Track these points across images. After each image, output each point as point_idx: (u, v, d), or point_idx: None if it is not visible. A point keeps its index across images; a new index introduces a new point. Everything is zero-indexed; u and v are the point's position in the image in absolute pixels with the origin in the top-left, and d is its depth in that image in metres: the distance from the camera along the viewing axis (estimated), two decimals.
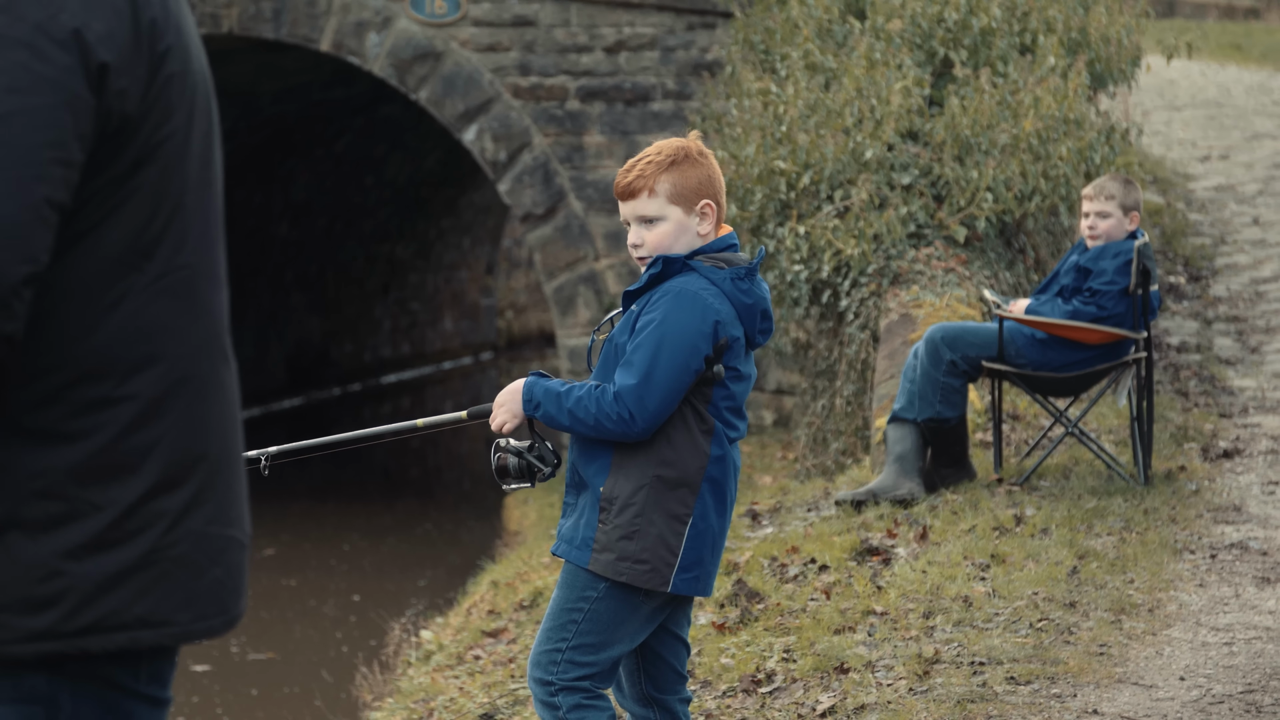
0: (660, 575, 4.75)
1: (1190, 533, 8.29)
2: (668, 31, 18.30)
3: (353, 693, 10.93)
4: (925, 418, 8.95)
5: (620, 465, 4.77)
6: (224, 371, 2.66)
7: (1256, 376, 11.82)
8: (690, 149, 4.88)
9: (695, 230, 4.83)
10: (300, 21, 18.54)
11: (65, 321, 2.52)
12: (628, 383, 4.70)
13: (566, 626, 4.79)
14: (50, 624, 2.52)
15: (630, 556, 4.74)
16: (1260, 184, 17.55)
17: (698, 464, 4.78)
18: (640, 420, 4.70)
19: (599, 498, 4.77)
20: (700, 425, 4.78)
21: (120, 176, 2.53)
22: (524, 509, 17.09)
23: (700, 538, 4.79)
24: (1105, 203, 9.01)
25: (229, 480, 2.66)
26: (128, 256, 2.55)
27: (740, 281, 4.78)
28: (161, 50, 2.55)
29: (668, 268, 4.79)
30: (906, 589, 7.42)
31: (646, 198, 4.84)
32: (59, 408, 2.52)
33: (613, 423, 4.71)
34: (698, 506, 4.78)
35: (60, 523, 2.52)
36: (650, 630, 4.88)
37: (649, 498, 4.74)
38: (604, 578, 4.76)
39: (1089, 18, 14.25)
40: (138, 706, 2.62)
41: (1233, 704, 6.12)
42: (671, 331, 4.71)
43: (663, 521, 4.75)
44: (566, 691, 4.78)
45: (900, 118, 12.33)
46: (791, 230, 11.95)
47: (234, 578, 2.66)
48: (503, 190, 18.60)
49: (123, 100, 2.51)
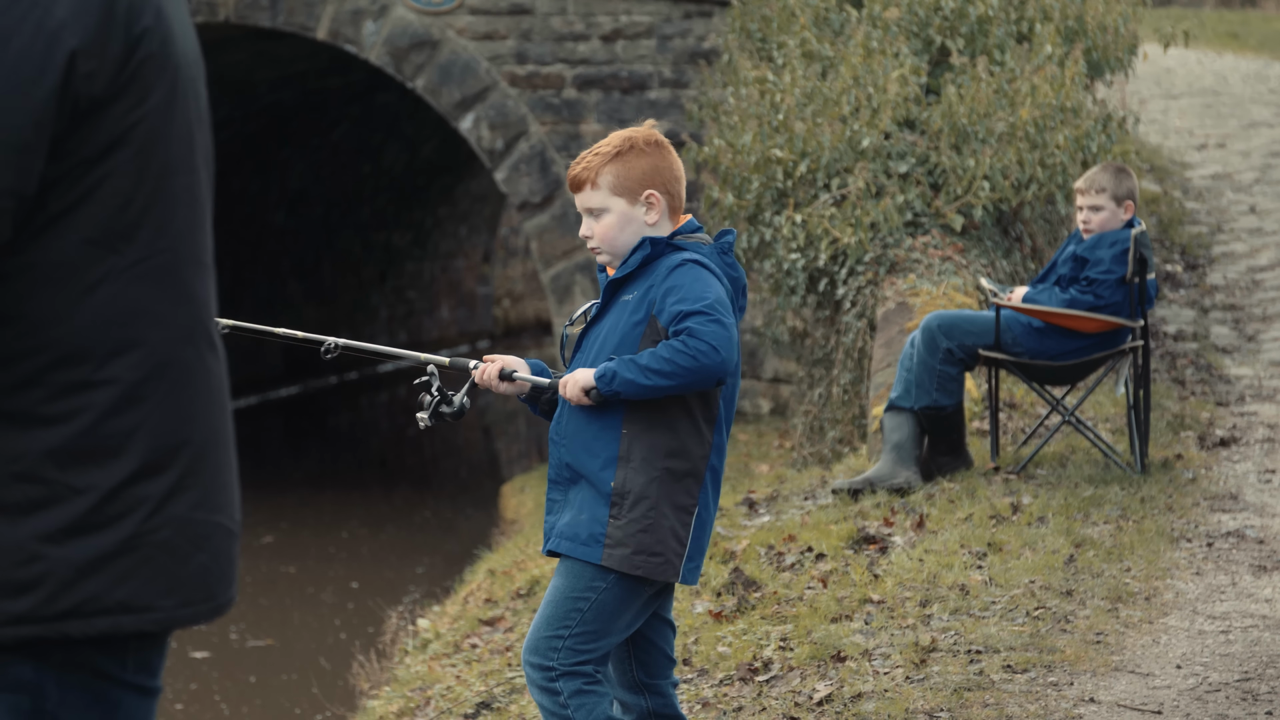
0: (673, 566, 4.78)
1: (1187, 521, 8.29)
2: (664, 20, 18.29)
3: (350, 681, 10.93)
4: (922, 405, 8.94)
5: (628, 459, 4.76)
6: (209, 357, 2.65)
7: (1253, 365, 11.82)
8: (637, 140, 4.87)
9: (642, 220, 4.84)
10: (297, 10, 18.52)
11: (43, 304, 2.51)
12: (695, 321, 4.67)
13: (570, 615, 4.78)
14: (29, 608, 2.51)
15: (646, 549, 4.74)
16: (1257, 172, 17.54)
17: (702, 453, 4.79)
18: (716, 345, 4.66)
19: (608, 492, 4.75)
20: (705, 413, 4.79)
21: (92, 158, 2.52)
22: (521, 498, 17.09)
23: (703, 527, 4.82)
24: (1097, 196, 8.99)
25: (216, 467, 2.64)
26: (105, 239, 2.53)
27: (726, 256, 4.85)
28: (138, 32, 2.53)
29: (655, 248, 4.80)
30: (903, 577, 7.42)
31: (590, 190, 4.87)
32: (37, 391, 2.51)
33: (705, 356, 4.66)
34: (701, 496, 4.80)
35: (39, 506, 2.51)
36: (645, 617, 4.89)
37: (660, 490, 4.74)
38: (615, 571, 4.76)
39: (1086, 6, 14.23)
40: (125, 695, 2.61)
41: (1229, 692, 6.12)
42: (708, 295, 4.71)
43: (673, 513, 4.76)
44: (567, 677, 4.77)
45: (897, 106, 12.32)
46: (788, 219, 11.94)
47: (221, 564, 2.65)
48: (500, 179, 18.59)
49: (90, 83, 2.50)
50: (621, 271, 4.83)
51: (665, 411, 4.76)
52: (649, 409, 4.76)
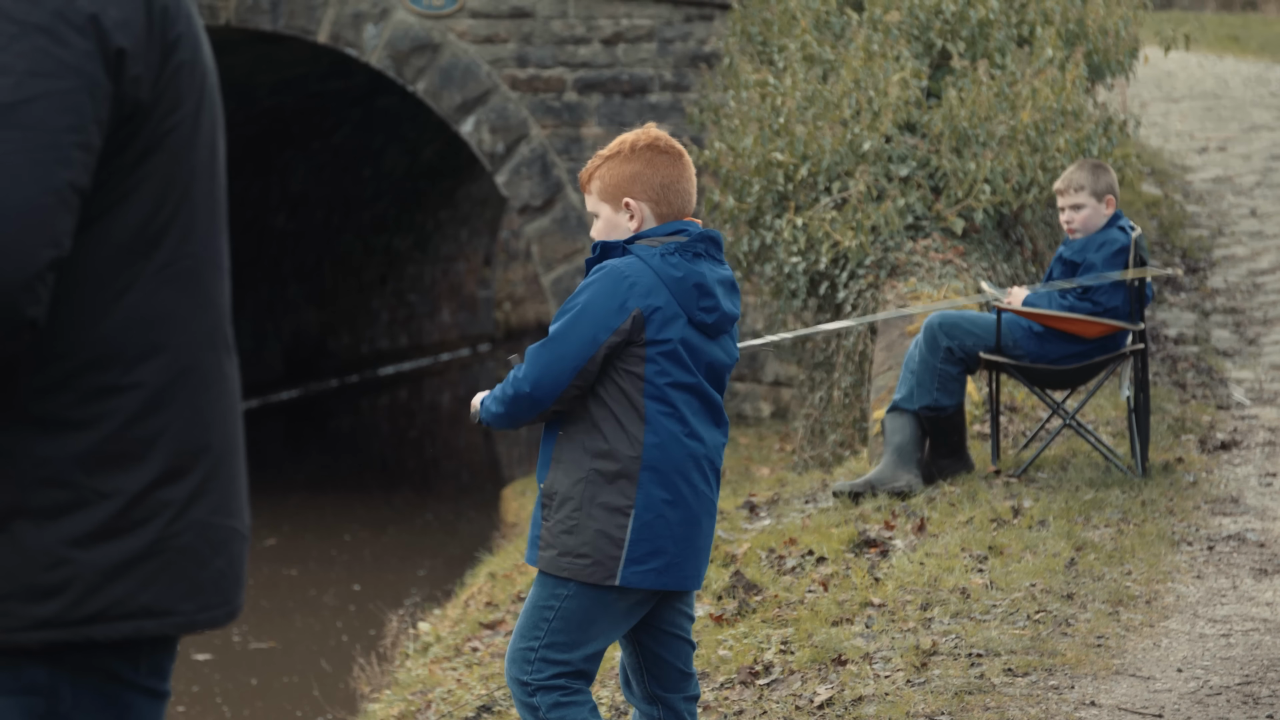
0: (604, 569, 4.70)
1: (1188, 524, 8.29)
2: (665, 23, 18.30)
3: (351, 684, 10.93)
4: (922, 405, 8.93)
5: (559, 460, 4.75)
6: (226, 362, 2.67)
7: (1254, 368, 11.83)
8: (628, 144, 4.83)
9: (625, 227, 4.81)
10: (298, 13, 18.54)
11: (74, 308, 2.52)
12: (531, 347, 4.73)
13: (539, 625, 4.77)
14: (55, 612, 2.52)
15: (571, 551, 4.71)
16: (1258, 175, 17.54)
17: (632, 453, 4.71)
18: (528, 379, 4.69)
19: (541, 494, 4.77)
20: (632, 412, 4.72)
21: (130, 164, 2.54)
22: (521, 501, 17.10)
23: (651, 528, 4.71)
24: (1076, 195, 8.99)
25: (231, 471, 2.66)
26: (136, 244, 2.55)
27: (669, 257, 4.74)
28: (173, 38, 2.56)
29: (605, 253, 4.80)
30: (904, 581, 7.43)
31: (587, 194, 4.90)
32: (66, 395, 2.52)
33: (508, 384, 4.74)
34: (640, 497, 4.70)
35: (67, 511, 2.52)
36: (629, 626, 4.85)
37: (586, 491, 4.70)
38: (558, 576, 4.76)
39: (1087, 9, 14.25)
40: (137, 699, 2.62)
41: (1230, 695, 6.13)
42: (584, 304, 4.70)
43: (602, 514, 4.70)
44: (544, 691, 4.76)
45: (898, 109, 12.33)
46: (789, 222, 11.95)
47: (235, 569, 2.67)
48: (500, 182, 18.60)
49: (137, 86, 2.52)
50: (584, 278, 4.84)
51: (592, 413, 4.73)
52: (580, 412, 4.74)
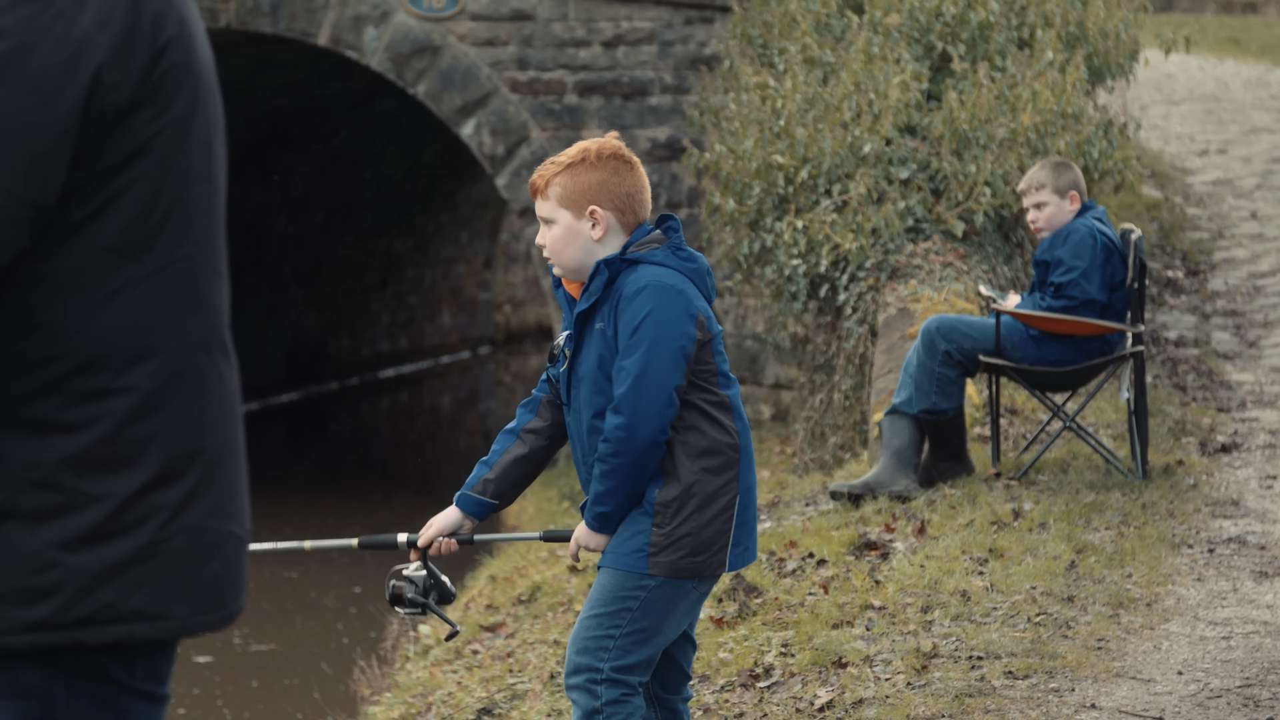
0: (718, 559, 4.76)
1: (1188, 527, 8.29)
2: (665, 25, 18.30)
3: (351, 686, 10.93)
4: (921, 409, 8.92)
5: (667, 470, 4.74)
6: (224, 366, 2.66)
7: (1254, 370, 11.82)
8: (591, 152, 4.77)
9: (588, 235, 4.75)
10: (298, 16, 18.54)
11: (64, 311, 2.52)
12: (620, 390, 4.66)
13: (620, 614, 4.74)
14: (46, 615, 2.52)
15: (695, 552, 4.73)
16: (1258, 178, 17.54)
17: (730, 441, 4.76)
18: (642, 426, 4.64)
19: (650, 502, 4.73)
20: (719, 405, 4.75)
21: (115, 167, 2.52)
22: (521, 503, 17.09)
23: (745, 511, 4.80)
24: (1038, 193, 9.01)
25: (229, 475, 2.65)
26: (126, 247, 2.54)
27: (680, 252, 4.75)
28: (163, 42, 2.54)
29: (611, 269, 4.72)
30: (904, 583, 7.42)
31: (541, 199, 4.80)
32: (56, 398, 2.52)
33: (613, 455, 4.66)
34: (741, 483, 4.77)
35: (57, 514, 2.52)
36: (694, 616, 4.89)
37: (700, 491, 4.72)
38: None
39: (1087, 12, 14.25)
40: (134, 703, 2.61)
41: (1230, 698, 6.12)
42: (654, 326, 4.65)
43: (717, 509, 4.74)
44: (610, 684, 4.74)
45: (898, 112, 12.33)
46: (789, 224, 11.95)
47: (233, 572, 2.65)
48: (501, 184, 18.60)
49: (115, 93, 2.51)
50: (586, 302, 4.75)
51: (683, 417, 4.73)
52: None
